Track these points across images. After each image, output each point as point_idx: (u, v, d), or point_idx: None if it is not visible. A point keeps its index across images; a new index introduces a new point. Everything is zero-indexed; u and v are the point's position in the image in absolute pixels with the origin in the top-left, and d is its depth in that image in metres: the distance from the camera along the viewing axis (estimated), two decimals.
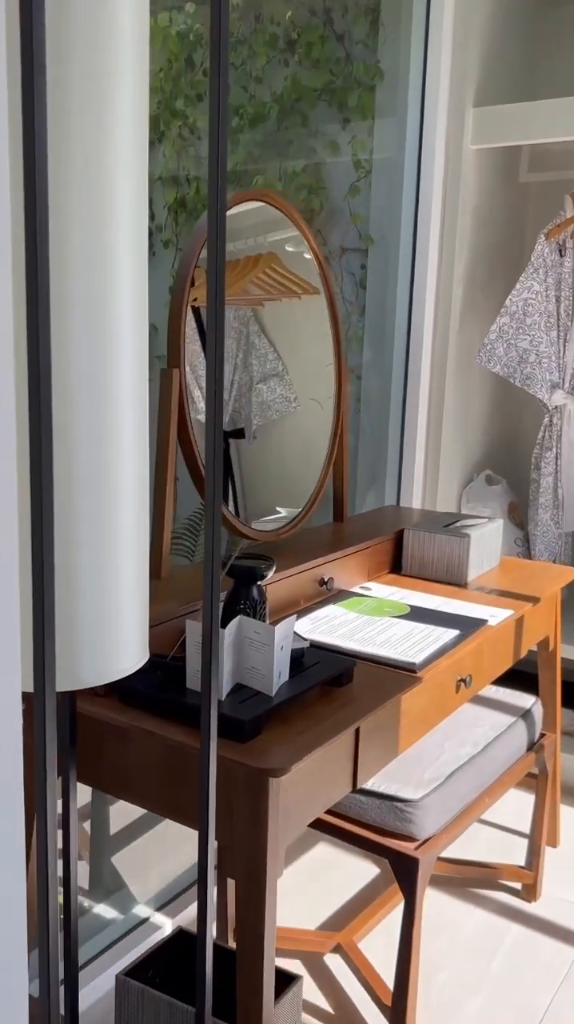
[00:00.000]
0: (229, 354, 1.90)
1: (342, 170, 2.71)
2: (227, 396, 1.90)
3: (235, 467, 1.96)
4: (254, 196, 1.79)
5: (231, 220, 1.85)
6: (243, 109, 2.80)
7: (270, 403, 1.97)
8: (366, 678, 1.44)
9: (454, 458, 2.72)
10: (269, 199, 1.83)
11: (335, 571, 1.87)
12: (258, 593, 1.41)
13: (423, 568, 2.03)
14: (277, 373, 2.01)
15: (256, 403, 1.96)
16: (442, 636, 1.62)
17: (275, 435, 1.98)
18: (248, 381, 1.94)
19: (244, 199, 1.74)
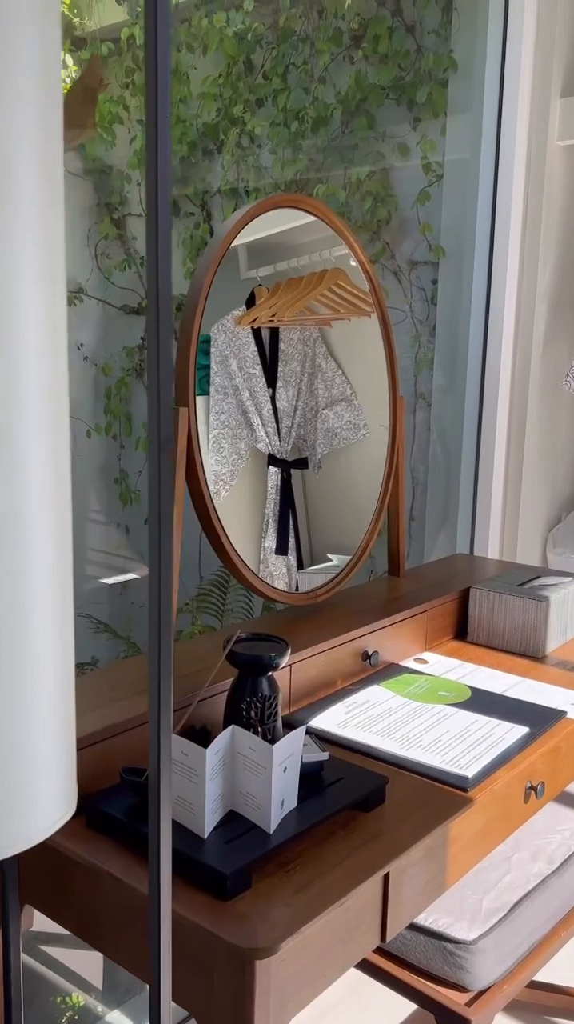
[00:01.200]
0: (293, 378, 1.66)
1: (412, 175, 2.43)
2: (290, 422, 1.66)
3: (297, 502, 1.71)
4: (283, 202, 1.53)
5: (291, 235, 1.62)
6: (304, 112, 2.56)
7: (337, 430, 1.72)
8: (404, 795, 1.15)
9: (538, 497, 2.38)
10: (303, 206, 1.57)
11: (383, 641, 1.58)
12: (268, 687, 1.14)
13: (493, 636, 1.72)
14: (345, 398, 1.75)
15: (322, 430, 1.71)
16: (507, 735, 1.31)
17: (342, 465, 1.74)
18: (313, 407, 1.70)
19: (270, 207, 1.49)
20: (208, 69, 2.82)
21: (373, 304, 1.73)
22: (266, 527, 1.66)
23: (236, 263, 1.70)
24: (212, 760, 0.96)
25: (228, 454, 1.58)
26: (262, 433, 1.60)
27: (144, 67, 0.64)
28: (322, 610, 1.60)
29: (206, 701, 1.23)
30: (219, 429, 1.55)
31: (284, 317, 1.64)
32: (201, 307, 1.35)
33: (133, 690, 1.21)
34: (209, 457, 1.50)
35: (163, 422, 0.70)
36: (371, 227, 2.52)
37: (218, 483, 1.52)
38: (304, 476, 1.70)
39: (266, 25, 2.66)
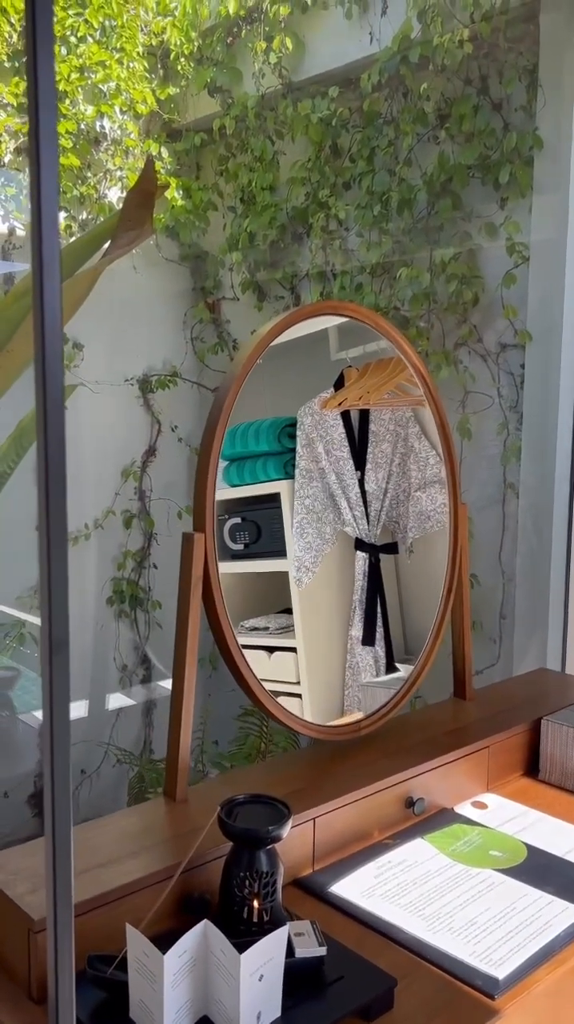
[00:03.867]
0: (384, 459, 1.57)
1: (499, 255, 2.31)
2: (379, 505, 1.57)
3: (387, 588, 1.60)
4: (322, 310, 1.44)
5: None
6: (388, 194, 2.49)
7: (430, 513, 1.62)
8: (418, 999, 0.99)
9: None
10: (345, 311, 1.48)
11: (435, 781, 1.42)
12: (267, 862, 1.02)
13: (566, 776, 1.53)
14: (439, 480, 1.64)
15: (414, 513, 1.60)
16: (557, 920, 1.13)
17: (437, 551, 1.64)
18: (406, 488, 1.60)
19: (304, 316, 1.40)
20: (297, 154, 2.81)
21: (429, 402, 1.61)
22: (353, 615, 1.56)
23: (326, 345, 1.63)
24: (174, 965, 0.85)
25: (312, 539, 1.50)
26: (349, 516, 1.51)
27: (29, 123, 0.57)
28: (366, 744, 1.46)
29: (211, 865, 1.12)
30: (303, 514, 1.47)
31: (372, 399, 1.56)
32: (222, 424, 1.28)
33: (119, 852, 1.11)
34: (293, 543, 1.43)
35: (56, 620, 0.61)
36: (458, 309, 2.40)
37: (301, 570, 1.45)
38: (396, 561, 1.60)
39: (351, 109, 2.62)
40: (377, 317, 1.51)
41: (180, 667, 1.25)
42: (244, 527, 1.46)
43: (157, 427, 3.26)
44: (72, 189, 2.89)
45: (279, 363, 1.49)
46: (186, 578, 1.26)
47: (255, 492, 1.47)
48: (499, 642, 2.45)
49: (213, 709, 2.87)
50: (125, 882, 1.04)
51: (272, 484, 1.47)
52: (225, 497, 1.36)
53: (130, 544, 3.27)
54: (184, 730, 1.23)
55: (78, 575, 3.16)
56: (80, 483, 3.10)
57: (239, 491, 1.44)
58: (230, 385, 1.29)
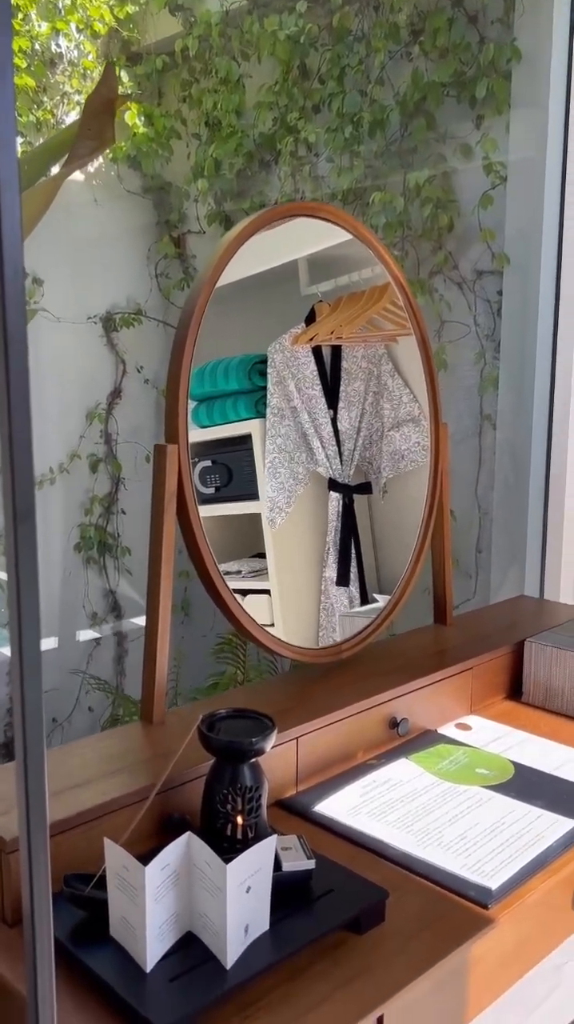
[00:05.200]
0: (357, 397, 1.52)
1: (475, 178, 2.23)
2: (353, 445, 1.52)
3: (361, 529, 1.55)
4: (297, 211, 1.37)
5: (353, 246, 1.48)
6: (360, 116, 2.39)
7: (404, 452, 1.57)
8: (410, 912, 0.96)
9: None
10: (321, 214, 1.40)
11: (419, 704, 1.39)
12: (250, 776, 0.98)
13: (550, 697, 1.50)
14: (413, 418, 1.59)
15: (387, 452, 1.55)
16: (548, 831, 1.10)
17: (410, 489, 1.59)
18: (379, 428, 1.55)
19: (279, 216, 1.33)
20: (264, 77, 2.69)
21: (410, 320, 1.55)
22: (327, 556, 1.51)
23: (295, 279, 1.57)
24: (157, 878, 0.80)
25: (285, 479, 1.45)
26: (322, 456, 1.46)
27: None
28: (348, 667, 1.42)
29: (192, 784, 1.07)
30: (275, 453, 1.42)
31: (344, 334, 1.50)
32: (193, 333, 1.20)
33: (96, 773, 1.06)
34: (265, 483, 1.38)
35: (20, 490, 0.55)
36: (432, 235, 2.33)
37: (274, 510, 1.41)
38: (369, 502, 1.56)
39: (320, 26, 2.51)
40: (354, 221, 1.44)
41: (155, 586, 1.19)
42: (215, 470, 1.41)
43: (122, 368, 3.16)
44: (28, 114, 2.75)
45: (248, 299, 1.43)
46: (159, 494, 1.19)
47: (225, 434, 1.42)
48: (475, 577, 2.43)
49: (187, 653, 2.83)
50: (102, 801, 0.99)
51: (243, 424, 1.42)
52: (195, 440, 1.31)
53: (97, 489, 3.19)
54: (160, 649, 1.18)
55: (43, 521, 3.08)
56: (43, 426, 3.00)
57: (209, 433, 1.38)
58: (201, 288, 1.21)
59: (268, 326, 1.48)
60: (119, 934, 0.84)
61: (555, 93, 1.97)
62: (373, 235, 1.47)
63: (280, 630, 1.37)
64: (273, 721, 1.00)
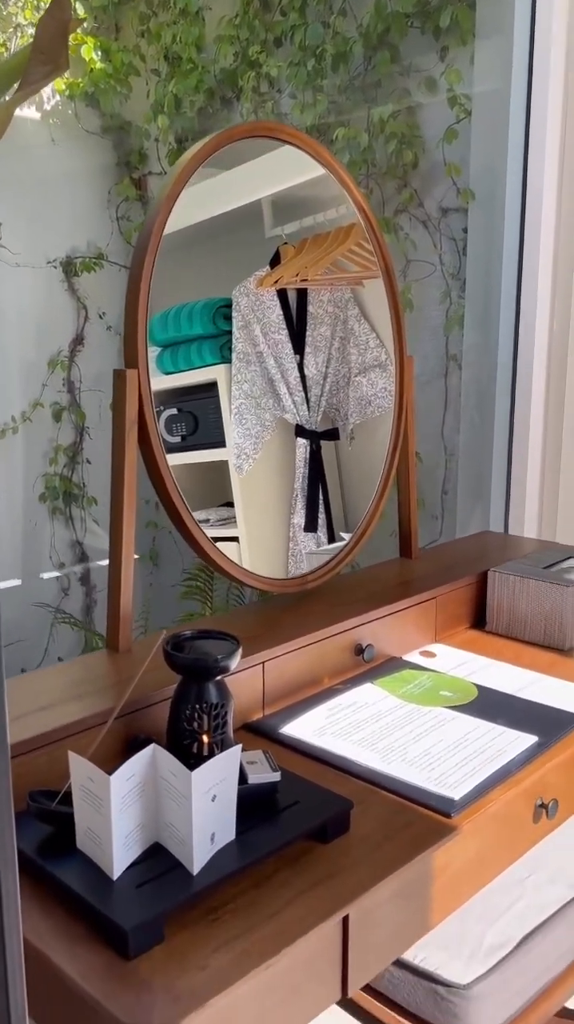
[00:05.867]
0: (323, 342, 1.50)
1: (440, 113, 2.20)
2: (319, 391, 1.50)
3: (328, 475, 1.55)
4: (257, 131, 1.34)
5: (318, 186, 1.46)
6: (322, 49, 2.34)
7: (371, 398, 1.56)
8: (374, 822, 0.97)
9: None
10: (281, 135, 1.37)
11: (383, 632, 1.40)
12: (216, 693, 0.98)
13: (513, 626, 1.52)
14: (380, 363, 1.58)
15: (354, 398, 1.55)
16: (510, 746, 1.12)
17: (378, 436, 1.59)
18: (346, 373, 1.53)
19: (238, 136, 1.30)
20: (224, 9, 2.61)
21: (373, 246, 1.53)
22: (294, 503, 1.51)
23: (260, 220, 1.54)
24: (122, 788, 0.81)
25: (251, 425, 1.43)
26: (289, 402, 1.45)
27: None
28: (315, 597, 1.43)
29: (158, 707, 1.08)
30: (242, 399, 1.40)
31: (309, 276, 1.48)
32: (152, 251, 1.18)
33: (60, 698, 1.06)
34: (232, 429, 1.37)
35: None
36: (397, 172, 2.30)
37: (241, 456, 1.39)
38: (337, 448, 1.55)
39: None
40: (315, 143, 1.41)
41: (118, 514, 1.18)
42: (181, 418, 1.39)
43: (84, 314, 3.10)
44: None
45: (212, 243, 1.41)
46: (120, 421, 1.18)
47: (191, 381, 1.40)
48: (442, 518, 2.44)
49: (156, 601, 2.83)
50: (66, 722, 0.99)
51: (208, 370, 1.40)
52: (160, 387, 1.29)
53: (61, 439, 3.15)
54: (125, 576, 1.17)
55: (7, 471, 3.04)
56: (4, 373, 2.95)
57: (174, 380, 1.37)
58: (160, 207, 1.19)
59: (233, 270, 1.46)
60: (86, 846, 0.84)
61: (520, 21, 1.93)
62: (334, 159, 1.45)
63: (248, 567, 1.37)
64: (238, 640, 1.00)
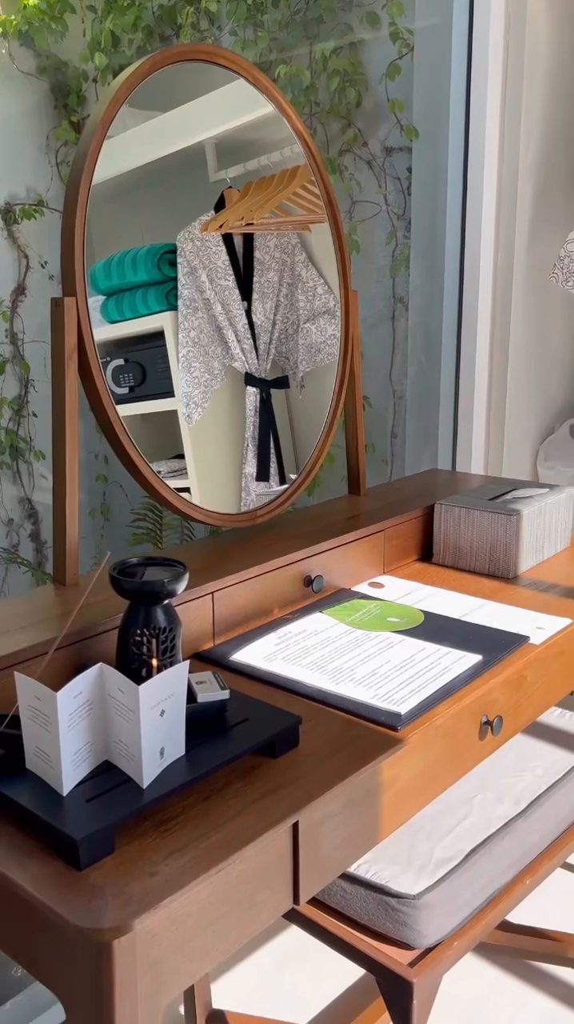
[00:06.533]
0: (271, 289, 1.48)
1: (383, 49, 2.17)
2: (268, 338, 1.49)
3: (280, 424, 1.55)
4: (193, 54, 1.31)
5: (263, 129, 1.44)
6: None
7: (320, 345, 1.55)
8: (323, 737, 0.99)
9: (527, 406, 2.18)
10: (218, 59, 1.35)
11: (332, 564, 1.41)
12: (164, 618, 0.98)
13: (459, 556, 1.55)
14: (328, 310, 1.57)
15: (304, 346, 1.54)
16: (455, 665, 1.15)
17: (328, 384, 1.58)
18: (294, 320, 1.52)
19: (172, 59, 1.27)
20: None
21: (315, 176, 1.51)
22: (246, 452, 1.50)
23: (203, 164, 1.51)
24: (69, 705, 0.81)
25: (200, 374, 1.42)
26: (237, 350, 1.43)
27: None
28: (264, 532, 1.43)
29: (108, 635, 1.08)
30: (189, 347, 1.39)
31: (254, 220, 1.46)
32: (88, 175, 1.15)
33: (4, 629, 1.05)
34: (180, 378, 1.36)
35: None
36: (341, 111, 2.27)
37: (190, 405, 1.38)
38: (287, 396, 1.55)
39: None
40: (253, 69, 1.39)
41: (60, 445, 1.17)
42: (128, 369, 1.37)
43: (25, 263, 3.03)
44: None
45: (155, 188, 1.38)
46: (59, 351, 1.16)
47: (137, 330, 1.38)
48: (391, 463, 2.46)
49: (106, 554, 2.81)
50: (12, 650, 0.98)
51: (155, 318, 1.38)
52: (106, 337, 1.27)
53: (5, 392, 3.09)
54: (70, 507, 1.16)
55: None
56: None
57: (120, 329, 1.34)
58: (95, 128, 1.16)
59: (177, 215, 1.44)
60: (35, 765, 0.85)
61: None
62: (273, 85, 1.42)
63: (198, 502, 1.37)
64: (184, 565, 1.00)
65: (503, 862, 1.24)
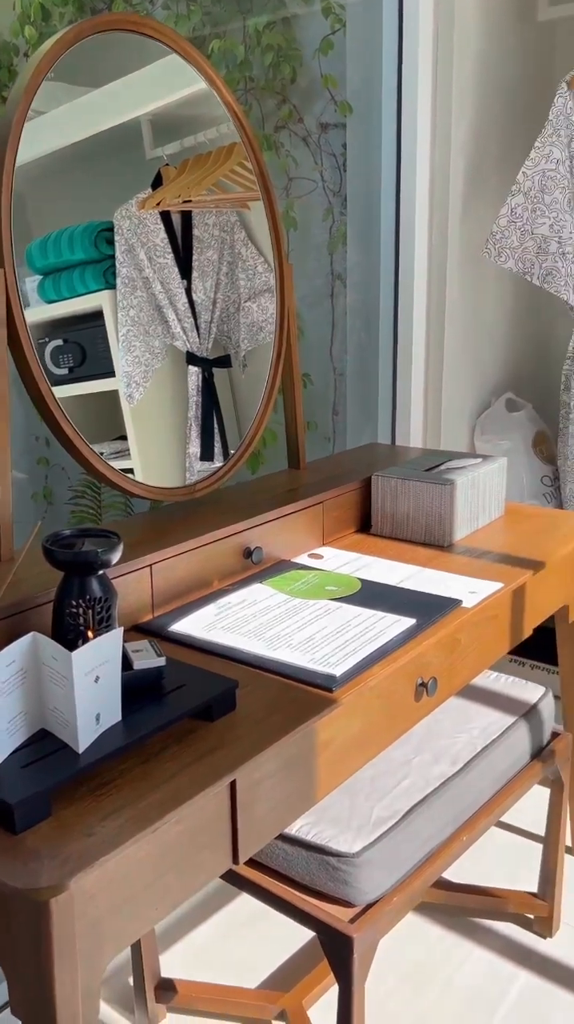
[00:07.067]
0: (211, 267, 1.48)
1: (317, 24, 2.17)
2: (209, 316, 1.49)
3: (223, 403, 1.55)
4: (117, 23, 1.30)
5: (199, 105, 1.43)
6: None
7: (262, 324, 1.56)
8: (260, 701, 1.01)
9: (464, 380, 2.21)
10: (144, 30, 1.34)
11: (272, 536, 1.43)
12: (100, 588, 0.99)
13: (397, 527, 1.58)
14: (269, 288, 1.57)
15: (245, 324, 1.53)
16: (389, 628, 1.18)
17: (271, 362, 1.59)
18: (235, 299, 1.52)
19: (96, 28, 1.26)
20: None
21: (247, 152, 1.52)
22: (189, 432, 1.50)
23: (140, 141, 1.50)
24: (2, 674, 0.81)
25: (140, 353, 1.41)
26: (178, 329, 1.43)
27: None
28: (204, 506, 1.44)
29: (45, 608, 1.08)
30: (129, 326, 1.38)
31: (192, 197, 1.45)
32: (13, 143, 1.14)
33: None
34: (120, 358, 1.35)
35: None
36: (276, 87, 2.27)
37: (131, 385, 1.38)
38: (230, 375, 1.55)
39: None
40: (182, 41, 1.38)
41: None
42: (67, 349, 1.36)
43: None
44: None
45: (91, 165, 1.37)
46: None
47: (76, 310, 1.37)
48: (333, 439, 2.48)
49: None
50: None
51: (93, 297, 1.37)
52: (43, 318, 1.25)
53: None
54: (2, 481, 1.16)
55: None
56: None
57: (58, 308, 1.33)
58: (18, 100, 1.15)
59: (114, 193, 1.43)
60: None
61: None
62: (202, 57, 1.42)
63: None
64: (118, 535, 1.01)
65: (440, 820, 1.27)
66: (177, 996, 1.45)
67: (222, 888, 1.76)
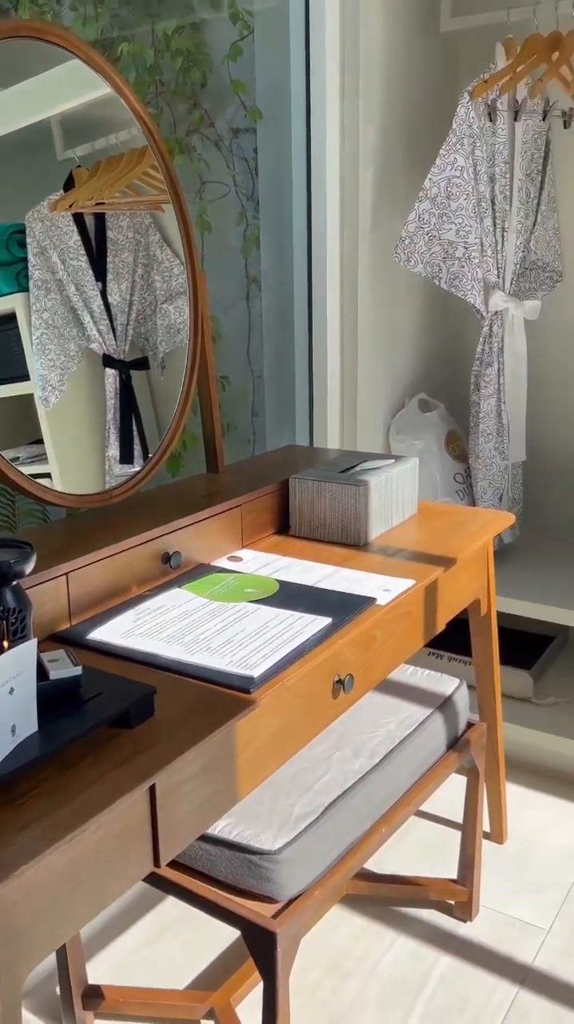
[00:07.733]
0: (126, 269, 1.47)
1: (226, 30, 2.19)
2: (126, 319, 1.48)
3: (142, 406, 1.54)
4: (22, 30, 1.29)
5: (110, 107, 1.42)
6: None
7: (179, 326, 1.55)
8: (179, 705, 1.02)
9: (378, 382, 2.26)
10: (49, 37, 1.33)
11: (190, 540, 1.44)
12: (13, 599, 0.98)
13: (314, 527, 1.61)
14: (186, 290, 1.56)
15: (163, 327, 1.53)
16: (306, 628, 1.20)
17: (188, 366, 1.59)
18: (152, 301, 1.51)
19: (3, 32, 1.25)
20: None
21: (155, 156, 1.52)
22: (108, 435, 1.49)
23: (51, 143, 1.48)
24: None
25: (55, 356, 1.40)
26: (94, 331, 1.42)
27: None
28: (121, 512, 1.44)
29: None
30: (43, 329, 1.36)
31: (104, 197, 1.45)
32: None
33: None
34: (34, 362, 1.33)
35: None
36: (186, 91, 2.27)
37: (46, 389, 1.36)
38: (148, 378, 1.55)
39: None
40: (86, 47, 1.38)
41: None
42: None
43: None
44: None
45: (0, 167, 1.35)
46: None
47: None
48: (253, 442, 2.50)
49: None
50: None
51: (5, 300, 1.36)
52: None
53: None
54: None
55: None
56: None
57: None
58: None
59: (25, 195, 1.41)
60: None
61: None
62: (106, 62, 1.42)
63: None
64: (31, 545, 1.01)
65: (360, 813, 1.31)
66: (104, 1002, 1.45)
67: (147, 892, 1.76)
